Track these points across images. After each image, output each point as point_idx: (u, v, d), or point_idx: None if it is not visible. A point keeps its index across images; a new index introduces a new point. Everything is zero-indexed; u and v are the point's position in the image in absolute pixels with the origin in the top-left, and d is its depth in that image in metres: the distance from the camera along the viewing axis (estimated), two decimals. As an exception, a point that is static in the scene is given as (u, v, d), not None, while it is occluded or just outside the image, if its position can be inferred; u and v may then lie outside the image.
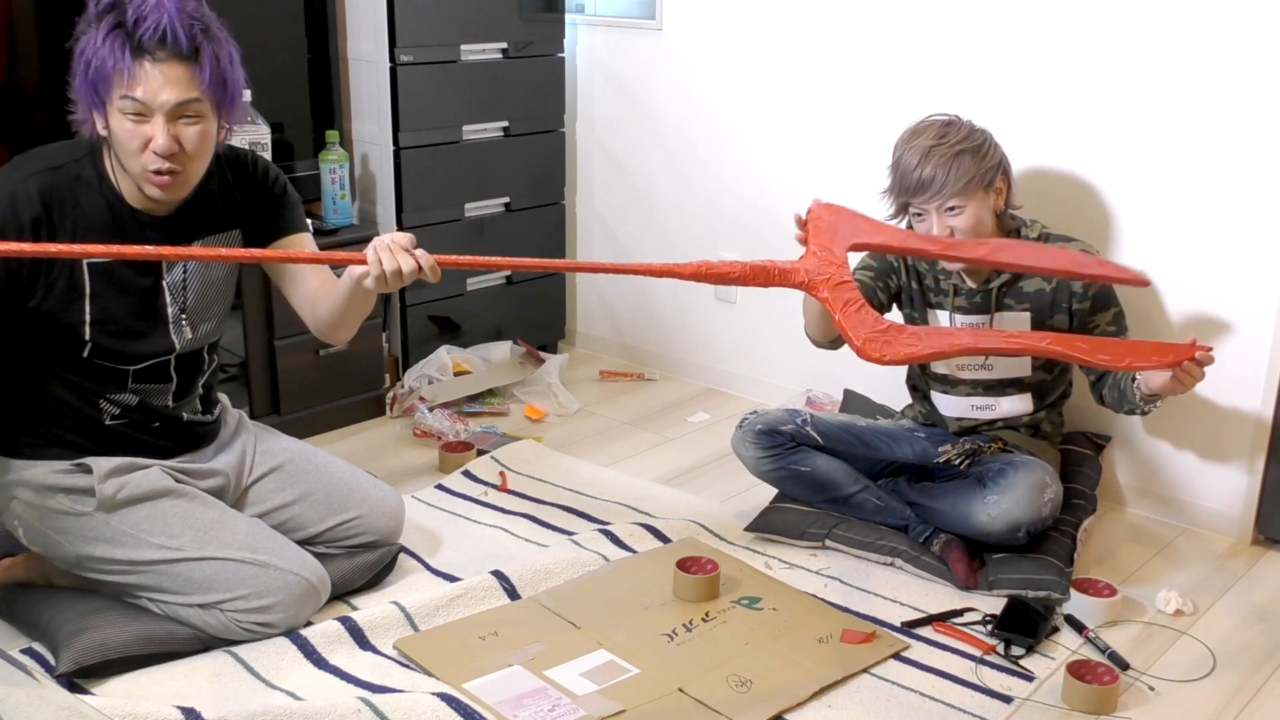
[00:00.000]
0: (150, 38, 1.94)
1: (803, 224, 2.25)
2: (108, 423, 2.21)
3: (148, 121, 1.98)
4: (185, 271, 2.21)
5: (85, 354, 2.14)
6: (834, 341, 2.61)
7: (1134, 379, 2.44)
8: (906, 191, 2.46)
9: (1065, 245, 2.53)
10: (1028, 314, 2.56)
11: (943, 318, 2.62)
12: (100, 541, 2.16)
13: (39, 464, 2.18)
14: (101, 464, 2.17)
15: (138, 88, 1.95)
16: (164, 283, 2.19)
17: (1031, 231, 2.56)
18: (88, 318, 2.11)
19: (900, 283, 2.66)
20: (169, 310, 2.20)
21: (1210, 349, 2.30)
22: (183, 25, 1.96)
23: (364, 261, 1.97)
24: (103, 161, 2.10)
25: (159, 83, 1.96)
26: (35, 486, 2.17)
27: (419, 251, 1.97)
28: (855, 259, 2.52)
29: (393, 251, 1.96)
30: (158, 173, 2.03)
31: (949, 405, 2.68)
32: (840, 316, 2.09)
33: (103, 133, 2.03)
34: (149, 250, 1.83)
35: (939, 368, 2.64)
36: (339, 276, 2.17)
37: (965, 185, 2.42)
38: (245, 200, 2.26)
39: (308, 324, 2.32)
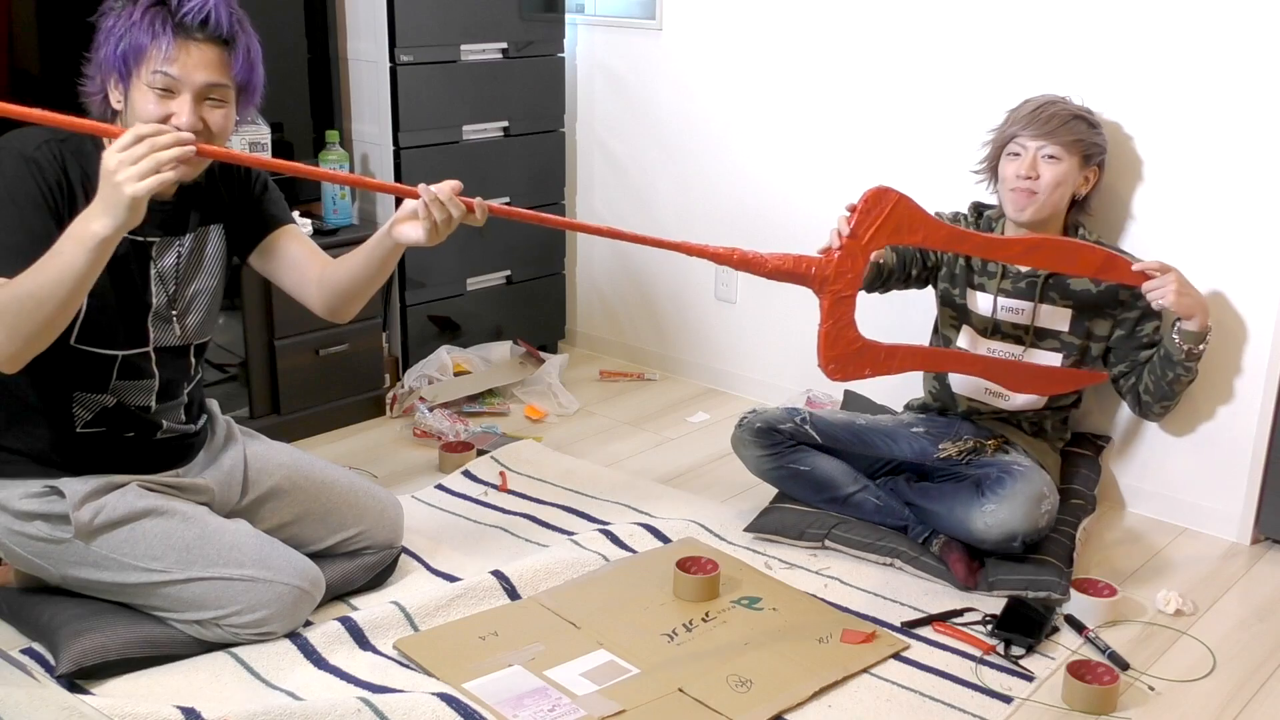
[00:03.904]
0: (193, 19, 1.97)
1: (853, 210, 2.25)
2: (79, 429, 2.15)
3: (174, 99, 1.99)
4: (179, 260, 2.19)
5: (72, 340, 2.07)
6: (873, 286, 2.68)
7: (1172, 324, 2.53)
8: (1018, 123, 2.57)
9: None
10: (1070, 310, 2.60)
11: (984, 300, 2.64)
12: (83, 565, 2.13)
13: (11, 484, 2.13)
14: (74, 488, 2.11)
15: (173, 64, 1.97)
16: (152, 270, 2.16)
17: (1090, 236, 2.63)
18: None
19: (943, 257, 2.68)
20: (155, 299, 2.16)
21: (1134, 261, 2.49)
22: (224, 12, 2.01)
23: (416, 195, 2.02)
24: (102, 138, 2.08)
25: (195, 62, 1.98)
26: (12, 512, 2.12)
27: (475, 200, 2.06)
28: None
29: (443, 203, 2.02)
30: None
31: (964, 385, 2.70)
32: (824, 328, 2.26)
33: (117, 106, 2.04)
34: None
35: (962, 345, 2.67)
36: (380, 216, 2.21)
37: (1072, 141, 2.54)
38: (230, 197, 2.25)
39: (313, 305, 2.28)
